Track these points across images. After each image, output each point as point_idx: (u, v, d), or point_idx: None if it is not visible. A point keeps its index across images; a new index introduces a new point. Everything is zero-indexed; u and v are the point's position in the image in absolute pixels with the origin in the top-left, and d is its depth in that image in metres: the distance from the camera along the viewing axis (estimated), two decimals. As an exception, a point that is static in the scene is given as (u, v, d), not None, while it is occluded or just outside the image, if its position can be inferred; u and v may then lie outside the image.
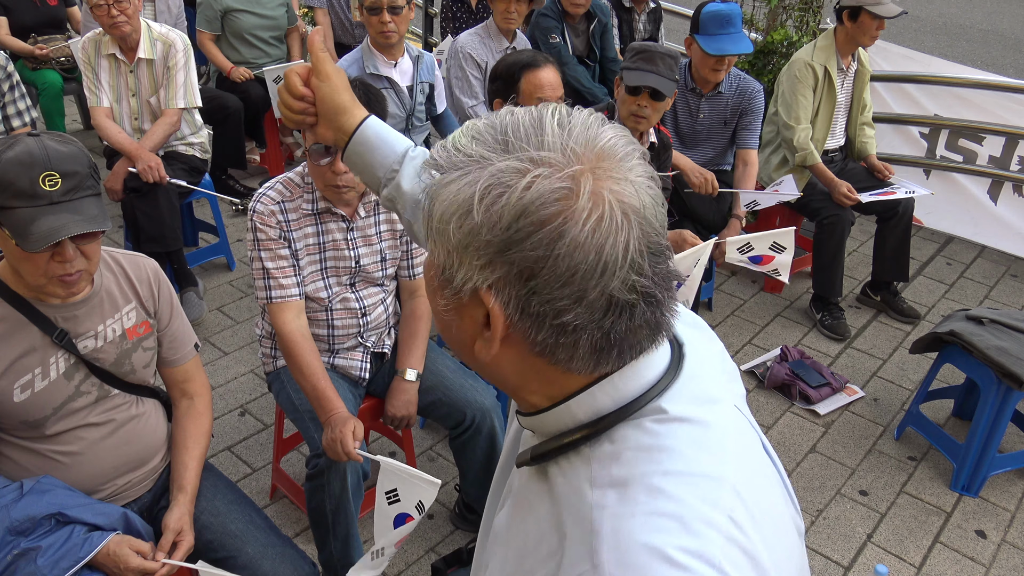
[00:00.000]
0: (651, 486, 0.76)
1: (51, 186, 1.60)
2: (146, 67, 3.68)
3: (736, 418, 0.87)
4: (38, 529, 1.65)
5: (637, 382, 0.81)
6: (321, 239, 2.33)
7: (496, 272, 0.75)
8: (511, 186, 0.73)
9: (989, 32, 11.00)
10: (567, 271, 0.73)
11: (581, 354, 0.78)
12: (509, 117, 0.79)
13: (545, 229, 0.72)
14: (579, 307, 0.74)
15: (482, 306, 0.78)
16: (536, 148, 0.74)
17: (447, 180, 0.77)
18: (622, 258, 0.73)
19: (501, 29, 3.93)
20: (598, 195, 0.73)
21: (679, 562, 0.72)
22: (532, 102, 2.56)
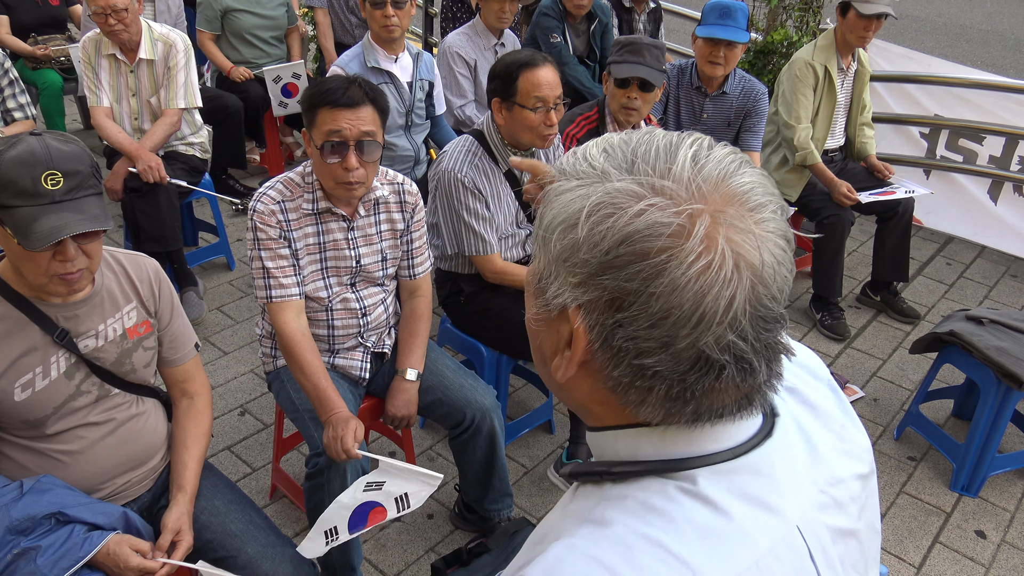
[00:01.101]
0: (622, 539, 0.71)
1: (53, 185, 1.60)
2: (146, 67, 3.68)
3: (782, 539, 0.75)
4: (38, 528, 1.65)
5: (689, 445, 0.75)
6: (321, 239, 2.33)
7: (588, 294, 0.71)
8: (622, 209, 0.69)
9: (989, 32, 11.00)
10: (659, 312, 0.68)
11: (653, 401, 0.73)
12: (647, 136, 0.74)
13: (645, 262, 0.67)
14: (664, 353, 0.69)
15: (568, 324, 0.74)
16: (660, 176, 0.70)
17: (564, 188, 0.74)
18: (723, 313, 0.67)
19: (492, 28, 3.94)
20: (712, 239, 0.67)
21: None
22: (529, 101, 2.56)
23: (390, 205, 2.42)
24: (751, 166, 0.73)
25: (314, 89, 2.18)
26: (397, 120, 3.58)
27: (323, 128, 2.15)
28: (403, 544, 2.70)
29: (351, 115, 2.14)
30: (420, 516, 2.81)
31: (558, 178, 0.75)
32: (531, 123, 2.60)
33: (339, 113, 2.13)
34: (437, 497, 2.89)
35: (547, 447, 3.17)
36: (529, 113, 2.59)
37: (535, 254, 0.78)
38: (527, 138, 2.65)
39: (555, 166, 0.77)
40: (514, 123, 2.64)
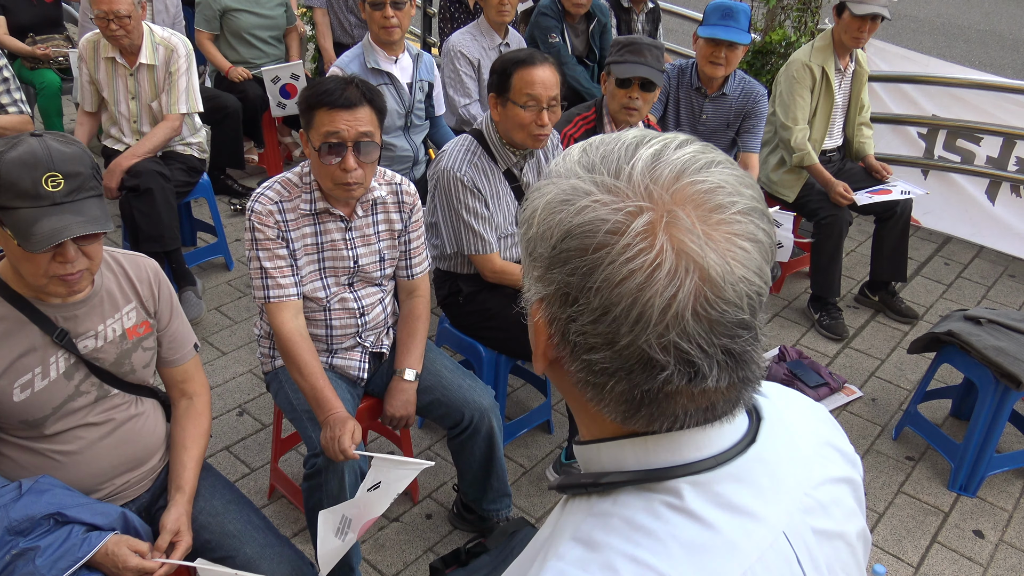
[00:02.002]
0: (611, 564, 0.70)
1: (54, 187, 1.60)
2: (147, 71, 3.68)
3: (769, 546, 0.74)
4: (37, 529, 1.65)
5: (670, 454, 0.75)
6: (319, 239, 2.33)
7: (547, 288, 0.73)
8: (570, 206, 0.70)
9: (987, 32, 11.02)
10: (599, 308, 0.68)
11: (608, 401, 0.73)
12: (621, 136, 0.75)
13: (584, 257, 0.68)
14: (609, 350, 0.69)
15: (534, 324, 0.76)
16: (613, 176, 0.70)
17: (539, 187, 0.75)
18: (661, 313, 0.66)
19: (493, 24, 3.94)
20: (652, 237, 0.66)
21: None
22: (521, 98, 2.57)
23: (388, 205, 2.43)
24: (723, 166, 0.71)
25: (311, 90, 2.18)
26: (396, 121, 3.58)
27: (321, 129, 2.15)
28: (401, 544, 2.70)
29: (349, 116, 2.14)
30: (419, 516, 2.81)
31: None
32: (522, 120, 2.60)
33: (337, 114, 2.13)
34: (436, 497, 2.89)
35: (546, 447, 3.17)
36: (520, 110, 2.59)
37: None
38: (518, 136, 2.65)
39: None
40: (507, 120, 2.64)
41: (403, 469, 2.10)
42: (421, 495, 2.89)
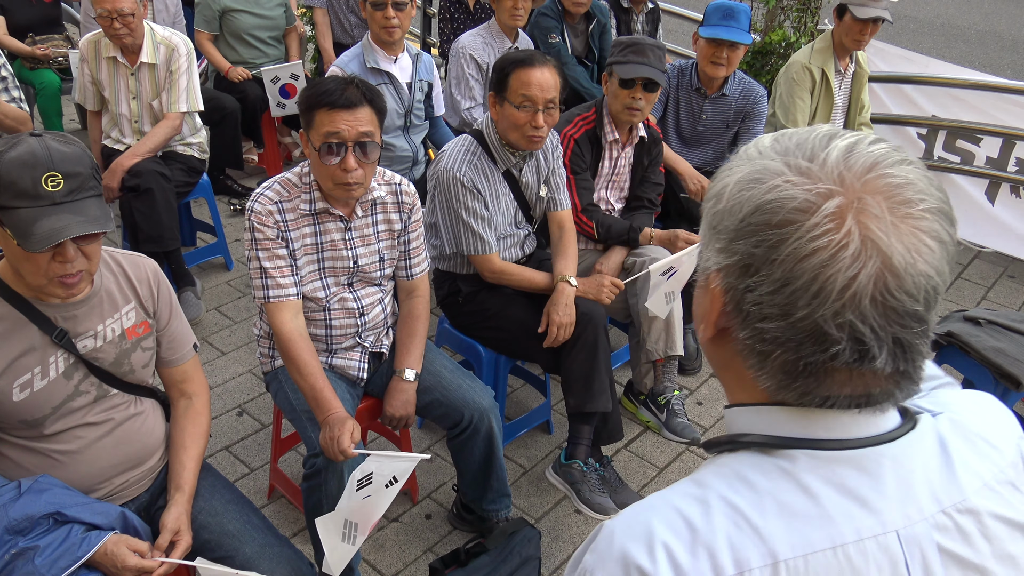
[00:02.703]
0: (705, 500, 0.77)
1: (53, 186, 1.60)
2: (148, 71, 3.68)
3: (875, 539, 0.75)
4: (36, 528, 1.65)
5: (798, 427, 0.78)
6: (319, 239, 2.33)
7: (728, 259, 0.77)
8: (761, 182, 0.75)
9: (986, 33, 11.02)
10: (781, 280, 0.72)
11: (769, 368, 0.77)
12: (815, 129, 0.79)
13: (771, 231, 0.72)
14: (783, 321, 0.73)
15: (711, 292, 0.80)
16: (807, 160, 0.74)
17: (728, 167, 0.81)
18: (840, 291, 0.70)
19: (505, 28, 3.93)
20: (841, 219, 0.70)
21: (655, 553, 0.74)
22: (517, 98, 2.57)
23: (387, 206, 2.43)
24: (914, 165, 0.74)
25: (311, 90, 2.18)
26: (396, 121, 3.58)
27: (321, 129, 2.15)
28: (401, 544, 2.70)
29: (349, 116, 2.14)
30: (418, 516, 2.81)
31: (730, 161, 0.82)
32: (517, 121, 2.60)
33: (337, 114, 2.13)
34: (435, 497, 2.89)
35: (545, 447, 3.17)
36: (515, 111, 2.59)
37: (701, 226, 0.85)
38: (513, 136, 2.65)
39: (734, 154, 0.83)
40: (503, 120, 2.65)
41: (400, 463, 2.11)
42: (420, 495, 2.89)
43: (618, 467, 3.02)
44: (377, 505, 2.08)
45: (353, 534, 2.05)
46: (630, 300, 3.07)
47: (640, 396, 3.30)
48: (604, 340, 2.75)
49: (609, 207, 3.32)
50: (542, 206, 2.94)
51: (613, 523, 0.80)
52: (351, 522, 2.05)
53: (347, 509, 2.04)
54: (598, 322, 2.73)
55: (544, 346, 2.70)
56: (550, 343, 2.69)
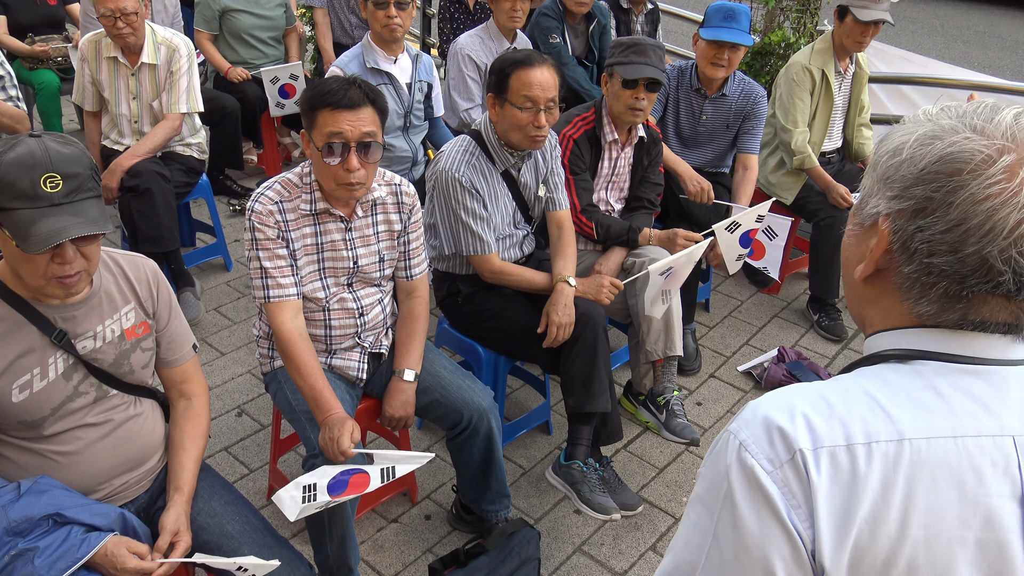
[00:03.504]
0: (845, 387, 0.90)
1: (52, 187, 1.59)
2: (148, 71, 3.67)
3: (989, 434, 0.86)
4: (36, 530, 1.65)
5: (933, 343, 0.91)
6: (319, 239, 2.33)
7: (899, 204, 0.89)
8: (941, 138, 0.86)
9: (986, 34, 11.03)
10: (955, 220, 0.84)
11: (931, 297, 0.89)
12: (981, 101, 0.91)
13: (952, 178, 0.84)
14: (952, 256, 0.85)
15: (875, 234, 0.92)
16: (983, 122, 0.86)
17: (901, 129, 0.92)
18: (1010, 230, 0.82)
19: (504, 29, 3.93)
20: (1014, 172, 0.82)
21: (794, 417, 0.87)
22: (518, 99, 2.57)
23: (387, 206, 2.43)
24: None
25: (314, 90, 2.18)
26: (395, 121, 3.58)
27: (324, 129, 2.15)
28: (400, 545, 2.70)
29: (352, 116, 2.14)
30: (418, 517, 2.81)
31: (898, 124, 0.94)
32: (519, 122, 2.60)
33: (340, 114, 2.13)
34: (435, 498, 2.89)
35: (545, 448, 3.17)
36: (517, 111, 2.59)
37: (864, 180, 0.97)
38: (515, 137, 2.66)
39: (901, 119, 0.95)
40: (504, 121, 2.65)
41: (405, 463, 2.11)
42: (420, 496, 2.89)
43: (617, 467, 3.02)
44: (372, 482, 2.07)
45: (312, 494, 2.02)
46: (629, 300, 3.07)
47: (639, 396, 3.30)
48: (603, 340, 2.75)
49: (608, 208, 3.32)
50: (541, 206, 2.94)
51: (758, 400, 0.91)
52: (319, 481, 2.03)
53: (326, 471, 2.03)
54: (597, 322, 2.73)
55: (543, 346, 2.70)
56: (549, 343, 2.69)
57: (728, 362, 3.77)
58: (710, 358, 3.79)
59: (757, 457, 0.87)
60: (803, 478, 0.85)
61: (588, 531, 2.78)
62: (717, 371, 3.70)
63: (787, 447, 0.86)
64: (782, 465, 0.86)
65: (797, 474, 0.85)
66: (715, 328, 4.02)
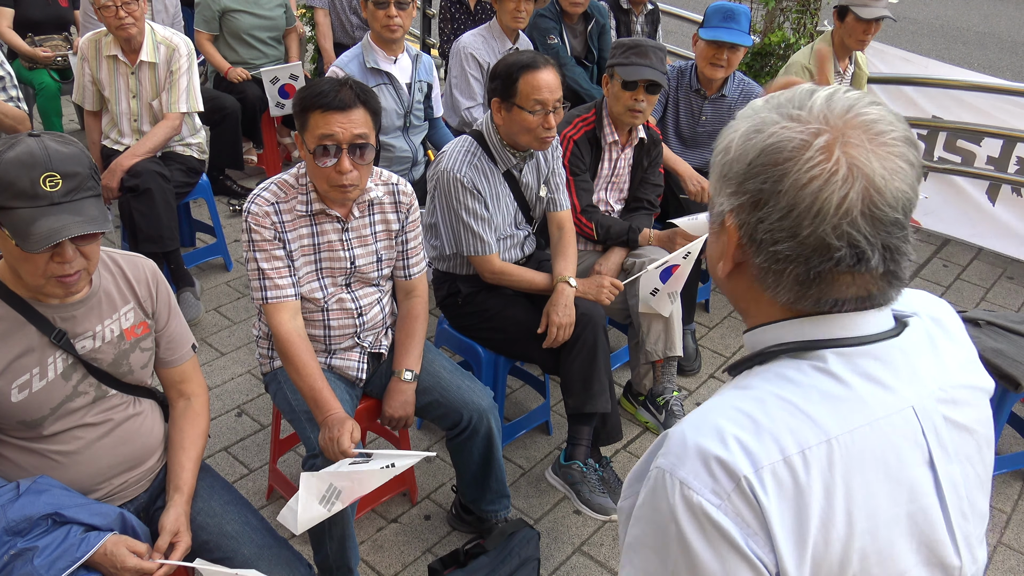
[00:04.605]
0: (759, 398, 0.90)
1: (52, 187, 1.59)
2: (148, 70, 3.67)
3: (896, 412, 0.92)
4: (35, 529, 1.65)
5: (820, 331, 0.93)
6: (316, 240, 2.33)
7: (738, 199, 0.92)
8: (761, 132, 0.90)
9: (986, 35, 11.03)
10: (787, 207, 0.87)
11: (785, 283, 0.91)
12: (799, 87, 0.94)
13: (776, 168, 0.87)
14: (792, 240, 0.88)
15: (726, 229, 0.94)
16: (797, 109, 0.90)
17: (732, 127, 0.95)
18: (836, 207, 0.85)
19: (506, 29, 3.93)
20: (830, 151, 0.85)
21: (727, 443, 0.85)
22: (529, 103, 2.56)
23: (384, 206, 2.43)
24: (883, 106, 0.90)
25: (305, 92, 2.18)
26: (395, 121, 3.58)
27: (315, 132, 2.14)
28: (400, 545, 2.70)
29: (343, 118, 2.14)
30: (417, 517, 2.81)
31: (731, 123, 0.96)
32: (529, 125, 2.61)
33: (331, 116, 2.13)
34: (434, 498, 2.89)
35: (544, 448, 3.17)
36: (527, 115, 2.59)
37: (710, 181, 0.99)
38: (525, 140, 2.66)
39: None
40: (512, 124, 2.64)
41: (404, 459, 2.11)
42: (420, 496, 2.89)
43: (617, 468, 3.02)
44: (366, 481, 2.07)
45: (333, 500, 2.02)
46: (629, 301, 3.07)
47: (639, 397, 3.30)
48: (603, 341, 2.75)
49: (608, 208, 3.32)
50: (542, 207, 2.94)
51: (680, 429, 0.90)
52: (336, 488, 2.03)
53: (335, 474, 2.03)
54: (597, 323, 2.73)
55: (543, 347, 2.70)
56: (549, 344, 2.69)
57: (728, 362, 3.77)
58: (710, 358, 3.79)
59: (702, 493, 0.84)
60: (753, 504, 0.83)
61: (588, 531, 2.78)
62: (717, 371, 3.70)
63: (729, 476, 0.84)
64: (729, 496, 0.84)
65: (746, 501, 0.84)
66: (715, 328, 4.02)
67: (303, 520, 1.99)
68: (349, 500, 2.06)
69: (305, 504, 2.00)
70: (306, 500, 2.00)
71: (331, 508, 2.04)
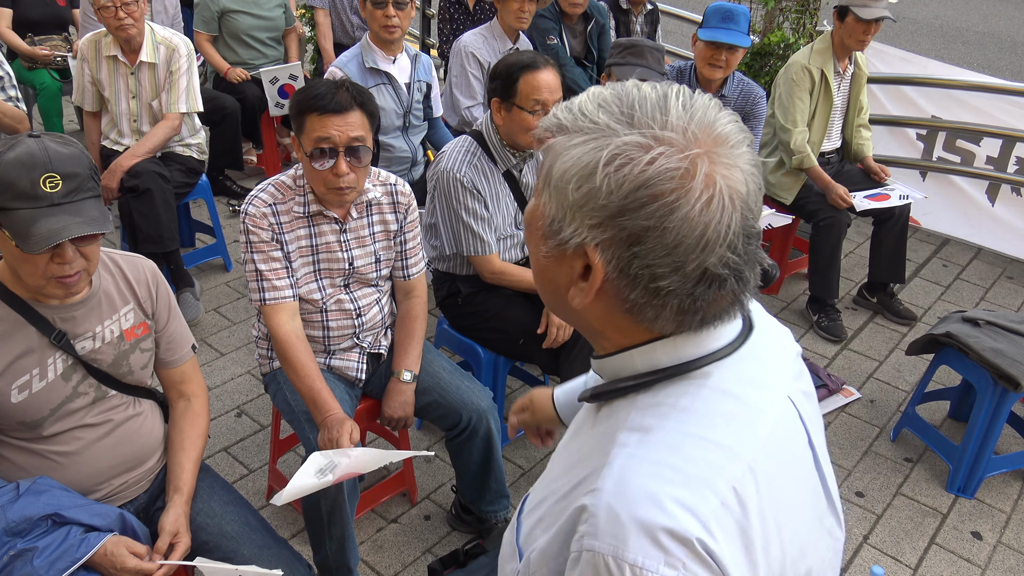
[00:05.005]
0: (670, 441, 0.85)
1: (52, 187, 1.59)
2: (148, 70, 3.67)
3: (782, 408, 0.94)
4: (35, 530, 1.65)
5: (697, 347, 0.89)
6: (314, 241, 2.33)
7: (606, 233, 0.83)
8: (635, 159, 0.81)
9: (985, 35, 11.03)
10: (673, 242, 0.81)
11: (667, 315, 0.86)
12: (636, 92, 0.86)
13: (660, 202, 0.80)
14: (676, 275, 0.82)
15: (584, 259, 0.86)
16: (660, 127, 0.82)
17: (572, 142, 0.85)
18: (723, 237, 0.81)
19: (508, 29, 3.93)
20: (711, 178, 0.80)
21: (668, 509, 0.81)
22: (529, 104, 2.57)
23: (383, 206, 2.42)
24: (725, 110, 0.87)
25: (302, 95, 2.18)
26: (395, 121, 3.58)
27: (312, 134, 2.14)
28: (400, 545, 2.70)
29: (339, 121, 2.13)
30: (417, 517, 2.81)
31: (557, 133, 0.86)
32: (529, 125, 2.61)
33: (328, 119, 2.13)
34: (434, 499, 2.89)
35: (544, 448, 3.17)
36: (527, 115, 2.59)
37: (543, 201, 0.89)
38: (524, 140, 2.66)
39: (549, 122, 0.88)
40: (512, 124, 2.64)
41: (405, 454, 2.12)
42: (419, 496, 2.89)
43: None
44: (366, 464, 2.07)
45: (327, 473, 2.02)
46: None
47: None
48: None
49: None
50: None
51: (604, 502, 0.83)
52: (334, 462, 2.03)
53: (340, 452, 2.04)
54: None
55: (544, 347, 2.70)
56: (550, 344, 2.69)
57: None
58: (710, 358, 3.78)
59: (656, 571, 0.79)
60: (708, 561, 0.80)
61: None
62: (717, 371, 3.70)
63: (682, 543, 0.80)
64: (684, 564, 0.80)
65: (702, 562, 0.80)
66: (715, 328, 4.02)
67: (293, 488, 1.96)
68: (341, 476, 2.05)
69: (302, 474, 1.99)
70: (304, 471, 1.99)
71: (322, 481, 2.02)
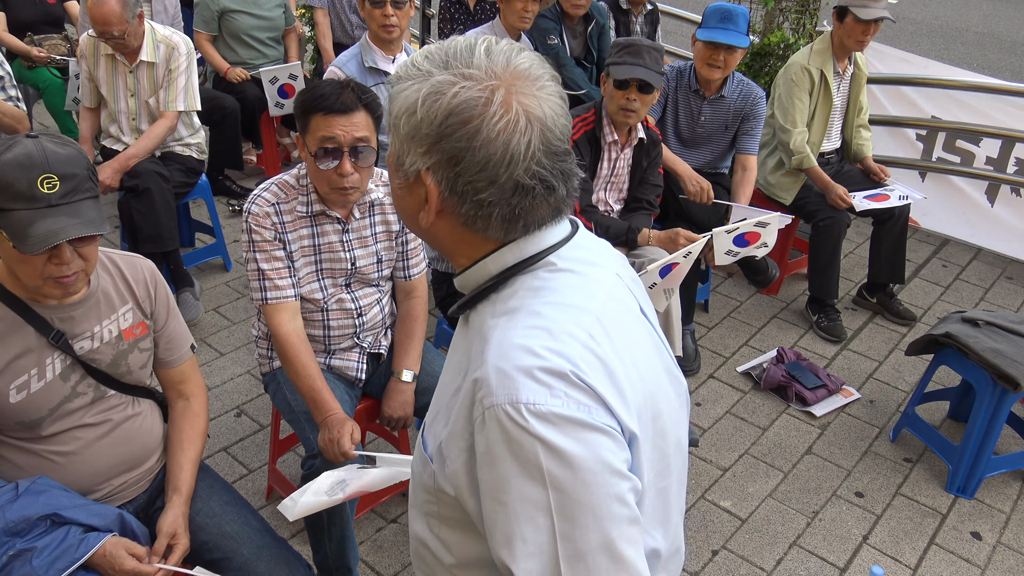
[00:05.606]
0: (532, 310, 1.02)
1: (49, 188, 1.59)
2: (147, 69, 3.67)
3: (613, 279, 1.13)
4: (34, 530, 1.65)
5: (536, 245, 1.07)
6: (316, 241, 2.33)
7: (433, 158, 1.00)
8: (444, 93, 0.97)
9: (985, 35, 11.03)
10: (482, 159, 0.97)
11: (494, 224, 1.03)
12: (451, 43, 1.03)
13: (466, 127, 0.97)
14: (492, 188, 0.99)
15: (423, 185, 1.03)
16: (465, 66, 0.99)
17: (403, 87, 1.02)
18: (524, 152, 0.98)
19: (510, 29, 3.92)
20: (508, 104, 0.97)
21: (541, 354, 0.97)
22: None
23: (385, 207, 2.43)
24: (528, 52, 1.03)
25: (307, 95, 2.18)
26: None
27: (317, 134, 2.14)
28: (400, 545, 2.70)
29: (345, 121, 2.13)
30: (416, 517, 2.81)
31: (395, 82, 1.04)
32: None
33: (333, 119, 2.13)
34: (433, 498, 2.88)
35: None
36: None
37: (390, 139, 1.06)
38: None
39: (392, 77, 1.05)
40: None
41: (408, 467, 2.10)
42: (419, 496, 2.89)
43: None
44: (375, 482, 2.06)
45: (337, 492, 2.01)
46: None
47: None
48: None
49: (607, 208, 3.32)
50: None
51: (486, 369, 0.98)
52: (346, 481, 2.02)
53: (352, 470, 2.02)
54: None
55: None
56: None
57: (727, 363, 3.77)
58: (709, 359, 3.79)
59: (545, 402, 0.94)
60: (585, 388, 0.96)
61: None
62: (716, 372, 3.70)
63: (559, 377, 0.95)
64: (566, 393, 0.95)
65: (580, 389, 0.96)
66: (714, 329, 4.02)
67: (303, 505, 1.96)
68: (352, 493, 2.05)
69: (315, 491, 1.98)
70: (316, 490, 1.99)
71: (333, 498, 2.03)
